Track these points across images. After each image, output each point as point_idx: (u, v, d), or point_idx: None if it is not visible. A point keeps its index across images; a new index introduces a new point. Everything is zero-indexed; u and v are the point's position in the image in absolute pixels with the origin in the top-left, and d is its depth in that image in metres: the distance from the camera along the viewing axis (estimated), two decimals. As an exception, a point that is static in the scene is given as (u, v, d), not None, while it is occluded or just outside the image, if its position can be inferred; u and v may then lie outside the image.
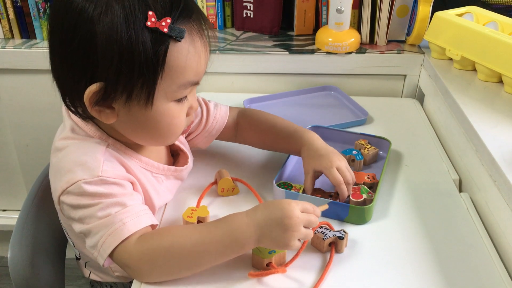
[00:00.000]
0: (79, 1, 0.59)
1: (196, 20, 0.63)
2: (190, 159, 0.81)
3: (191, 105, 0.69)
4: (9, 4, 1.14)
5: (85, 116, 0.66)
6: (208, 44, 0.66)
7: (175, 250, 0.61)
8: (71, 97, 0.65)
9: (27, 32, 1.18)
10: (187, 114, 0.69)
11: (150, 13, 0.58)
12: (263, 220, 0.61)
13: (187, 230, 0.63)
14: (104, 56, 0.59)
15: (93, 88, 0.60)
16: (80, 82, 0.61)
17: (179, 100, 0.66)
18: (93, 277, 0.81)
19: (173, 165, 0.78)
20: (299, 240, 0.62)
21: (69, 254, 0.85)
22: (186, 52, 0.62)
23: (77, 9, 0.59)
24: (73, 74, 0.62)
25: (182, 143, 0.82)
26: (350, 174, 0.75)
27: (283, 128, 0.83)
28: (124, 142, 0.70)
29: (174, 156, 0.83)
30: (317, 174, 0.76)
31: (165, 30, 0.59)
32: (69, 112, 0.68)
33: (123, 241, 0.61)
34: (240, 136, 0.87)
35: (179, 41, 0.60)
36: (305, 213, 0.62)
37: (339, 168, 0.74)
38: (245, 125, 0.86)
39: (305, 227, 0.62)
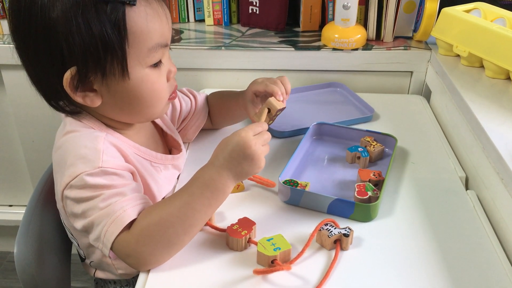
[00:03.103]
0: None
1: None
2: (183, 146, 0.84)
3: (169, 69, 0.70)
4: (15, 0, 1.14)
5: (74, 111, 0.68)
6: (166, 2, 0.67)
7: (166, 220, 0.62)
8: (53, 95, 0.66)
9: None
10: (167, 79, 0.70)
11: None
12: (228, 160, 0.64)
13: (168, 200, 0.64)
14: (67, 41, 0.59)
15: (67, 75, 0.62)
16: (53, 74, 0.62)
17: (155, 66, 0.67)
18: (98, 275, 0.81)
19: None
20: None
21: (75, 249, 0.86)
22: (145, 15, 0.62)
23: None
24: (43, 67, 0.63)
25: (173, 132, 0.85)
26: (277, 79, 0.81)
27: (233, 91, 0.91)
28: (122, 132, 0.71)
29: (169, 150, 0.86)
30: (256, 99, 0.82)
31: None
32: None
33: (121, 230, 0.62)
34: (213, 118, 0.93)
35: (134, 4, 0.61)
36: (258, 134, 0.66)
37: (268, 79, 0.81)
38: (213, 101, 0.92)
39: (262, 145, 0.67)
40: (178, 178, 0.83)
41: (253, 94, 0.82)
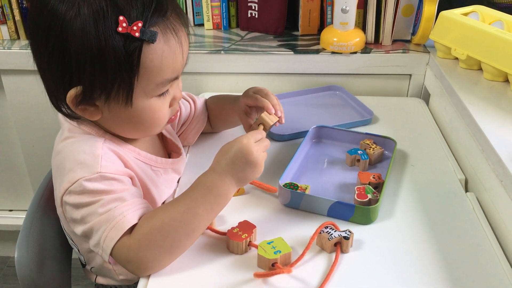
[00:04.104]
0: (52, 2, 0.59)
1: (171, 16, 0.63)
2: (182, 150, 0.84)
3: (174, 96, 0.70)
4: (14, 5, 1.15)
5: (72, 115, 0.68)
6: (187, 36, 0.67)
7: (168, 225, 0.62)
8: (55, 98, 0.66)
9: (33, 33, 1.19)
10: (170, 105, 0.71)
11: (121, 18, 0.58)
12: (230, 166, 0.65)
13: (170, 205, 0.64)
14: (77, 62, 0.59)
15: (72, 92, 0.62)
16: (59, 85, 0.63)
17: (160, 95, 0.67)
18: (99, 280, 0.81)
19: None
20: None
21: (75, 254, 0.86)
22: (161, 52, 0.62)
23: (50, 11, 0.59)
24: (52, 78, 0.63)
25: (172, 136, 0.85)
26: (266, 89, 0.82)
27: (230, 95, 0.92)
28: (121, 137, 0.71)
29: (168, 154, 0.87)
30: (248, 109, 0.83)
31: (137, 34, 0.59)
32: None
33: (121, 236, 0.61)
34: (212, 122, 0.93)
35: (153, 42, 0.61)
36: (258, 141, 0.68)
37: (260, 91, 0.82)
38: (211, 105, 0.92)
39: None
40: (178, 182, 0.83)
41: (246, 106, 0.82)
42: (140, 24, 0.59)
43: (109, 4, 0.58)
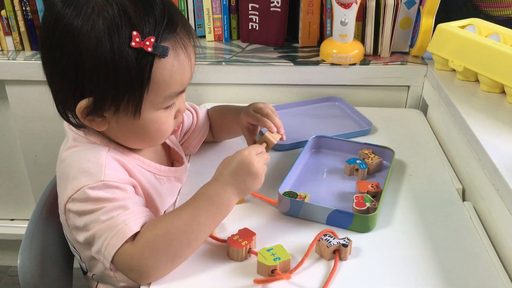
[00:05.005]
0: (67, 16, 0.60)
1: (181, 32, 0.65)
2: (185, 159, 0.86)
3: (178, 109, 0.72)
4: (20, 17, 1.17)
5: (78, 124, 0.69)
6: (194, 51, 0.68)
7: (171, 233, 0.63)
8: (63, 107, 0.67)
9: (37, 44, 1.20)
10: (175, 117, 0.72)
11: (135, 33, 0.60)
12: (232, 177, 0.66)
13: (174, 213, 0.65)
14: (91, 74, 0.61)
15: (83, 103, 0.63)
16: (70, 96, 0.64)
17: (167, 107, 0.69)
18: (100, 287, 0.82)
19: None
20: None
21: (77, 263, 0.86)
22: (171, 67, 0.64)
23: (66, 25, 0.60)
24: (63, 88, 0.64)
25: (176, 145, 0.86)
26: (266, 106, 0.83)
27: (233, 106, 0.93)
28: (125, 146, 0.72)
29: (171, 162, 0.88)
30: (251, 127, 0.84)
31: (149, 49, 0.61)
32: (70, 124, 0.70)
33: (123, 244, 0.62)
34: (214, 132, 0.95)
35: (164, 57, 0.62)
36: (259, 154, 0.70)
37: (260, 109, 0.82)
38: (213, 115, 0.94)
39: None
40: (179, 191, 0.84)
41: (248, 123, 0.84)
42: (152, 40, 0.61)
43: (123, 19, 0.60)
